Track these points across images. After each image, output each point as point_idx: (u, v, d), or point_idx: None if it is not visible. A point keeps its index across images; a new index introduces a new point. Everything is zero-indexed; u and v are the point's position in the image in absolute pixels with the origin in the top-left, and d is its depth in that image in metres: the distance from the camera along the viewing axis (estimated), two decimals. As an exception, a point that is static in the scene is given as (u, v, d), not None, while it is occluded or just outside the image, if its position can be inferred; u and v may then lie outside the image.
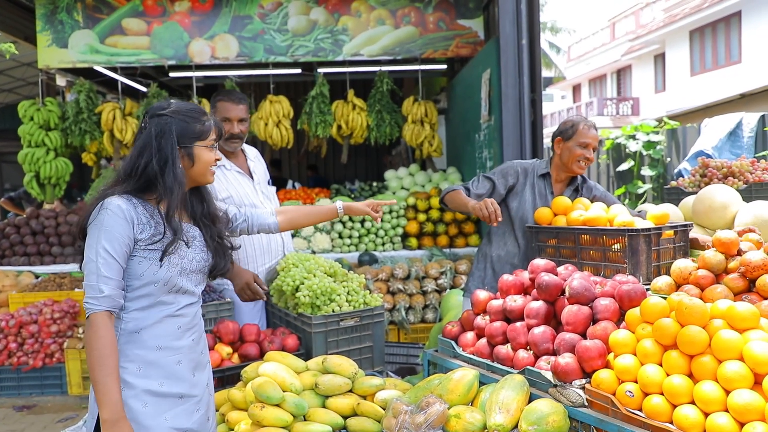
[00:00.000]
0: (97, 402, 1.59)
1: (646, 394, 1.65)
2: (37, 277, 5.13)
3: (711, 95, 14.55)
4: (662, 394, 1.62)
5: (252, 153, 3.14)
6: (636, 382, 1.69)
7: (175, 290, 1.73)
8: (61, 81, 6.35)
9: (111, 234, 1.62)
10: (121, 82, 6.03)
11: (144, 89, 6.57)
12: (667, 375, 1.64)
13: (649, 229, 2.23)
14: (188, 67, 5.75)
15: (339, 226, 5.04)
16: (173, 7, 5.39)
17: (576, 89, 28.28)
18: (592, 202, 2.69)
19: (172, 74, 6.42)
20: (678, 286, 1.99)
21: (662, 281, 2.03)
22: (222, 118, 2.86)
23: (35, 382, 4.48)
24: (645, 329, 1.77)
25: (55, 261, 5.24)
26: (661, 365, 1.67)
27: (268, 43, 5.45)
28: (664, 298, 1.82)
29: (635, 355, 1.74)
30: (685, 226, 2.37)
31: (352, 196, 6.15)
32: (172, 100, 1.85)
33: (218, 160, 1.84)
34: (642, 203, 7.00)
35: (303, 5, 5.45)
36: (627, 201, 7.30)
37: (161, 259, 1.68)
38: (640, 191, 7.13)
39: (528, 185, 2.82)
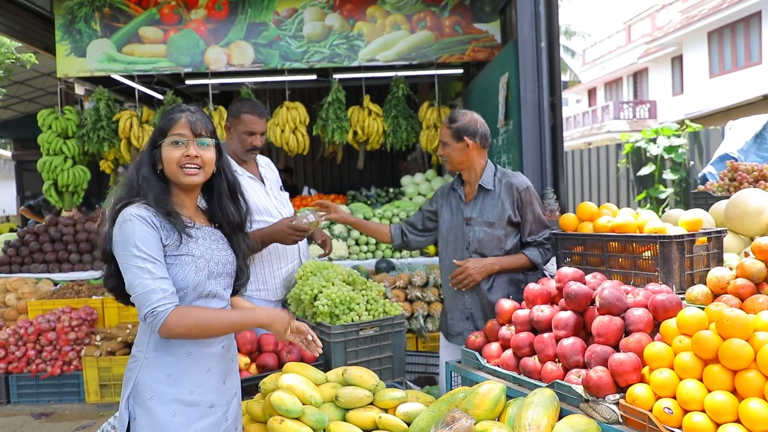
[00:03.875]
0: (252, 324, 1.71)
1: (685, 412, 1.57)
2: (55, 284, 5.15)
3: (731, 97, 14.29)
4: (704, 411, 1.53)
5: (263, 161, 3.13)
6: (674, 398, 1.61)
7: (205, 294, 1.70)
8: (79, 90, 6.40)
9: (145, 240, 1.58)
10: (138, 90, 6.06)
11: (160, 97, 6.60)
12: (709, 391, 1.55)
13: (682, 236, 2.14)
14: (204, 75, 5.76)
15: (356, 233, 4.99)
16: (189, 15, 5.41)
17: (591, 93, 28.03)
18: (516, 198, 2.52)
19: (188, 82, 6.44)
20: (715, 296, 1.91)
21: (698, 290, 1.94)
22: (247, 132, 2.85)
23: (53, 389, 4.48)
24: (682, 342, 1.68)
25: (73, 268, 5.26)
26: (701, 380, 1.59)
27: (284, 49, 5.43)
28: (702, 309, 1.74)
29: (672, 369, 1.66)
30: (719, 232, 2.27)
31: (369, 202, 6.10)
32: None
33: (188, 156, 1.67)
34: (665, 208, 6.86)
35: (318, 11, 5.43)
36: (648, 206, 7.17)
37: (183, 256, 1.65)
38: (662, 196, 7.00)
39: (445, 204, 2.72)
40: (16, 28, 6.25)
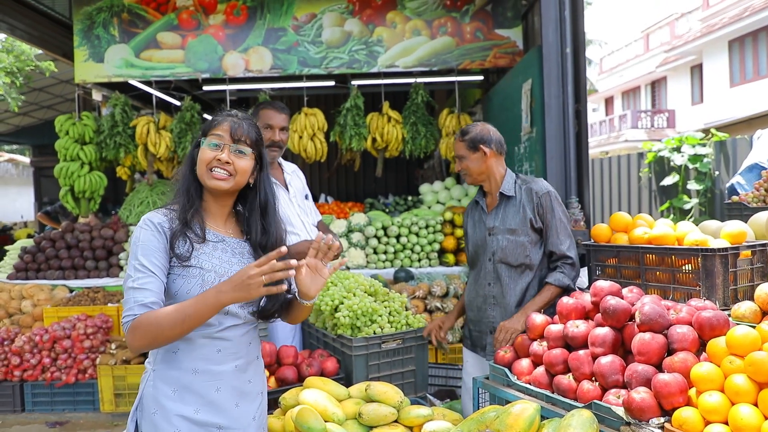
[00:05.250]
0: (215, 307, 1.48)
1: (740, 439, 1.45)
2: (71, 291, 5.12)
3: (752, 106, 14.03)
4: (761, 439, 1.42)
5: (289, 168, 3.08)
6: (726, 423, 1.49)
7: None
8: (96, 95, 6.41)
9: (146, 248, 1.56)
10: (156, 96, 6.05)
11: (178, 103, 6.58)
12: (766, 418, 1.43)
13: (726, 249, 2.02)
14: (222, 81, 5.74)
15: (374, 242, 4.91)
16: (208, 20, 5.39)
17: (608, 102, 27.76)
18: (536, 203, 2.40)
19: (205, 87, 6.42)
20: (764, 314, 1.79)
21: (745, 307, 1.83)
22: (264, 125, 2.81)
23: (68, 398, 4.44)
24: (733, 363, 1.57)
25: (89, 275, 5.22)
26: (756, 406, 1.47)
27: (302, 55, 5.39)
28: (753, 327, 1.62)
29: (723, 392, 1.54)
30: (764, 245, 2.15)
31: (387, 210, 6.01)
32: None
33: (219, 159, 1.60)
34: (689, 219, 6.69)
35: (337, 17, 5.38)
36: (672, 216, 6.99)
37: (185, 262, 1.58)
38: (687, 206, 6.83)
39: (469, 220, 2.69)
40: (35, 34, 6.29)
